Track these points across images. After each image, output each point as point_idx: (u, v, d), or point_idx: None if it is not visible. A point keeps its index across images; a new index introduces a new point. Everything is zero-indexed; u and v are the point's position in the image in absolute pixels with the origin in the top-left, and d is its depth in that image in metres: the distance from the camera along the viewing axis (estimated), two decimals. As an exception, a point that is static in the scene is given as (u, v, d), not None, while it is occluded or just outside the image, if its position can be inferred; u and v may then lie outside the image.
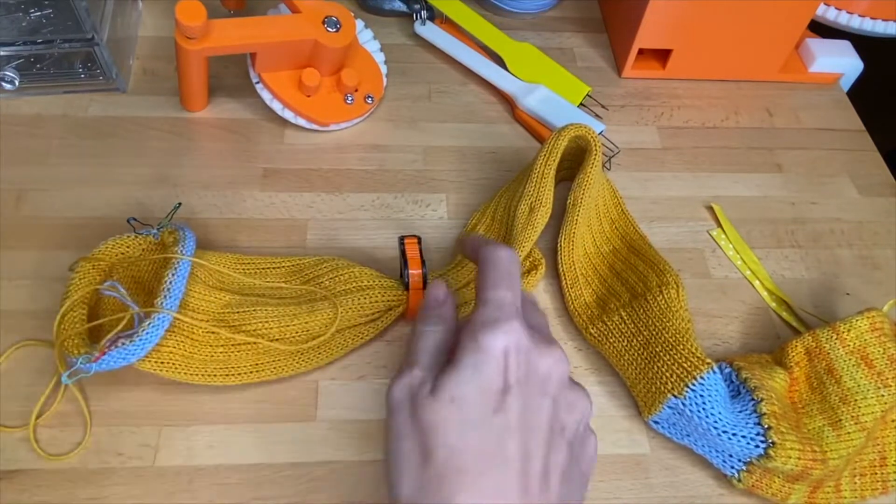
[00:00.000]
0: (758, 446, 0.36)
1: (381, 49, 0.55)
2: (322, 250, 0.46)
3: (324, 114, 0.51)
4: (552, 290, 0.46)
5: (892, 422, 0.40)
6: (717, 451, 0.38)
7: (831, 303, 0.48)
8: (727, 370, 0.39)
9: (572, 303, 0.44)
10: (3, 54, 0.49)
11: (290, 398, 0.40)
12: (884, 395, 0.38)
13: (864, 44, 0.62)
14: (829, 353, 0.40)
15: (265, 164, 0.51)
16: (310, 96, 0.51)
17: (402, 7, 0.61)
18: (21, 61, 0.50)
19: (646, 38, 0.57)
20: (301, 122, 0.52)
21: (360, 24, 0.53)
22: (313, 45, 0.48)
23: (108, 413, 0.39)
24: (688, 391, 0.37)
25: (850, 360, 0.39)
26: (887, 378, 0.38)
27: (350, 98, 0.52)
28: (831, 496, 0.39)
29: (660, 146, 0.56)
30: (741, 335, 0.45)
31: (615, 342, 0.42)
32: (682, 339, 0.39)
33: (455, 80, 0.58)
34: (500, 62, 0.58)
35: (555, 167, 0.44)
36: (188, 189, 0.49)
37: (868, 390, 0.38)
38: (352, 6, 0.62)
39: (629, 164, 0.54)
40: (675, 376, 0.38)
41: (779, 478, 0.37)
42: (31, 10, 0.47)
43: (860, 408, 0.38)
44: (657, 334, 0.40)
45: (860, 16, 0.62)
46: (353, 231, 0.48)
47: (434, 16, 0.60)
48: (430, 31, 0.59)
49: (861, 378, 0.38)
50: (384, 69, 0.55)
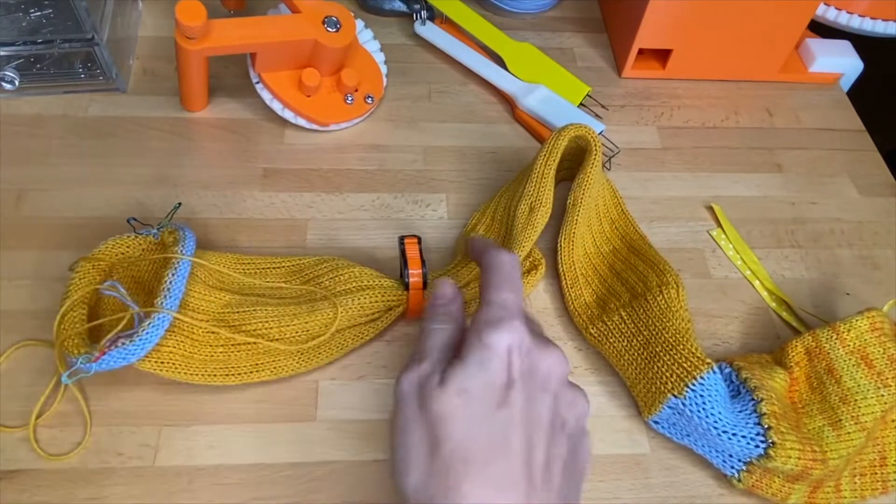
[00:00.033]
0: (758, 446, 0.36)
1: (381, 49, 0.55)
2: (322, 250, 0.46)
3: (324, 114, 0.51)
4: (552, 290, 0.46)
5: (892, 422, 0.40)
6: (717, 451, 0.38)
7: (831, 303, 0.48)
8: (727, 370, 0.39)
9: (572, 303, 0.44)
10: (3, 54, 0.49)
11: (290, 398, 0.40)
12: (884, 395, 0.38)
13: (864, 44, 0.62)
14: (829, 353, 0.40)
15: (265, 164, 0.51)
16: (310, 96, 0.51)
17: (402, 7, 0.61)
18: (21, 61, 0.50)
19: (646, 38, 0.57)
20: (301, 122, 0.52)
21: (360, 24, 0.53)
22: (313, 45, 0.48)
23: (108, 413, 0.39)
24: (688, 391, 0.37)
25: (850, 360, 0.39)
26: (887, 378, 0.38)
27: (350, 98, 0.52)
28: (831, 496, 0.39)
29: (660, 146, 0.56)
30: (741, 335, 0.45)
31: (615, 342, 0.42)
32: (682, 339, 0.39)
33: (455, 80, 0.58)
34: (500, 62, 0.58)
35: (555, 167, 0.44)
36: (188, 189, 0.49)
37: (868, 390, 0.38)
38: (352, 6, 0.62)
39: (629, 164, 0.54)
40: (675, 376, 0.38)
41: (779, 478, 0.37)
42: (31, 10, 0.47)
43: (860, 408, 0.38)
44: (657, 334, 0.40)
45: (860, 16, 0.62)
46: (353, 231, 0.48)
47: (434, 16, 0.60)
48: (430, 31, 0.59)
49: (861, 378, 0.38)
50: (384, 69, 0.55)
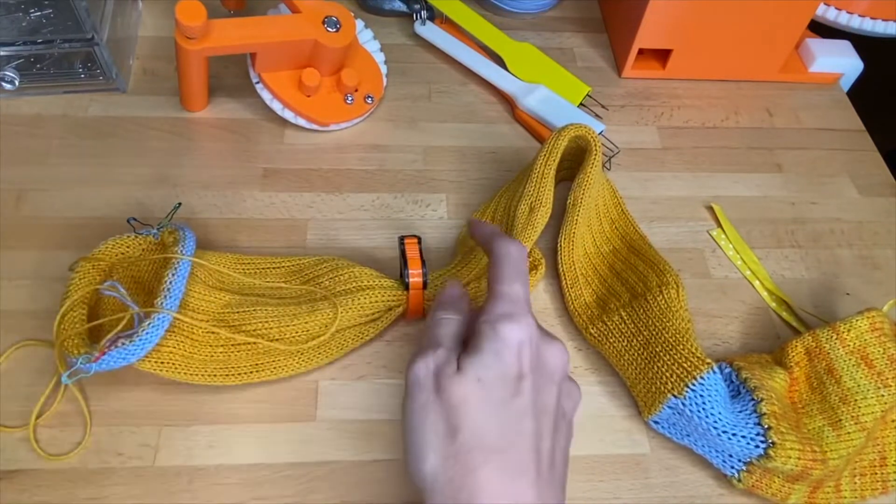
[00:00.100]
0: (758, 446, 0.36)
1: (381, 49, 0.55)
2: (322, 250, 0.46)
3: (324, 114, 0.51)
4: (552, 290, 0.46)
5: (892, 422, 0.40)
6: (717, 451, 0.38)
7: (831, 303, 0.48)
8: (727, 370, 0.39)
9: (572, 303, 0.44)
10: (3, 54, 0.49)
11: (290, 398, 0.40)
12: (884, 395, 0.38)
13: (864, 44, 0.62)
14: (829, 353, 0.40)
15: (265, 164, 0.51)
16: (310, 96, 0.51)
17: (402, 7, 0.61)
18: (21, 61, 0.50)
19: (646, 38, 0.57)
20: (301, 122, 0.52)
21: (360, 24, 0.53)
22: (313, 45, 0.48)
23: (108, 413, 0.39)
24: (688, 391, 0.37)
25: (850, 360, 0.39)
26: (887, 378, 0.38)
27: (350, 98, 0.52)
28: (831, 496, 0.39)
29: (660, 146, 0.56)
30: (741, 335, 0.45)
31: (615, 342, 0.42)
32: (682, 339, 0.39)
33: (455, 80, 0.58)
34: (500, 62, 0.58)
35: (555, 167, 0.44)
36: (188, 189, 0.49)
37: (868, 390, 0.38)
38: (352, 6, 0.62)
39: (629, 164, 0.54)
40: (675, 376, 0.38)
41: (779, 478, 0.37)
42: (31, 10, 0.47)
43: (860, 408, 0.38)
44: (657, 334, 0.40)
45: (860, 16, 0.62)
46: (353, 231, 0.48)
47: (434, 16, 0.60)
48: (430, 31, 0.59)
49: (861, 378, 0.38)
50: (384, 69, 0.55)
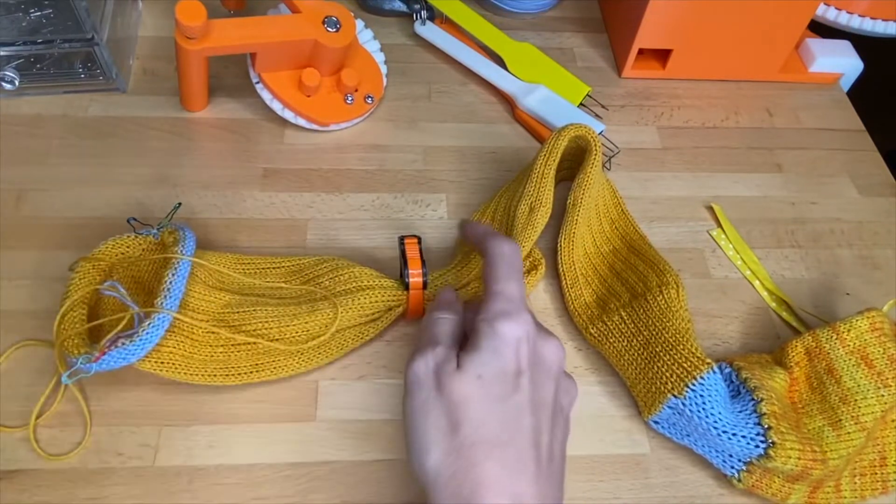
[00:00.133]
0: (758, 446, 0.36)
1: (381, 49, 0.55)
2: (322, 250, 0.46)
3: (324, 114, 0.51)
4: (552, 290, 0.46)
5: (892, 422, 0.40)
6: (717, 451, 0.38)
7: (831, 303, 0.48)
8: (727, 370, 0.39)
9: (572, 303, 0.44)
10: (3, 54, 0.49)
11: (290, 398, 0.40)
12: (884, 395, 0.38)
13: (864, 44, 0.62)
14: (829, 353, 0.40)
15: (265, 164, 0.51)
16: (310, 96, 0.51)
17: (402, 7, 0.61)
18: (21, 61, 0.50)
19: (646, 38, 0.57)
20: (301, 122, 0.52)
21: (360, 24, 0.53)
22: (313, 45, 0.48)
23: (108, 413, 0.39)
24: (688, 391, 0.37)
25: (850, 360, 0.39)
26: (887, 378, 0.38)
27: (350, 98, 0.52)
28: (831, 496, 0.39)
29: (660, 146, 0.56)
30: (741, 335, 0.45)
31: (615, 342, 0.42)
32: (682, 339, 0.39)
33: (455, 80, 0.58)
34: (500, 62, 0.58)
35: (555, 167, 0.44)
36: (188, 189, 0.49)
37: (868, 390, 0.38)
38: (352, 6, 0.62)
39: (629, 164, 0.54)
40: (675, 376, 0.38)
41: (779, 478, 0.37)
42: (31, 10, 0.47)
43: (860, 408, 0.38)
44: (657, 334, 0.40)
45: (860, 16, 0.62)
46: (353, 231, 0.48)
47: (434, 16, 0.60)
48: (430, 31, 0.59)
49: (861, 378, 0.38)
50: (384, 69, 0.55)
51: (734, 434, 0.36)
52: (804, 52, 0.61)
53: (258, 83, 0.51)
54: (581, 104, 0.56)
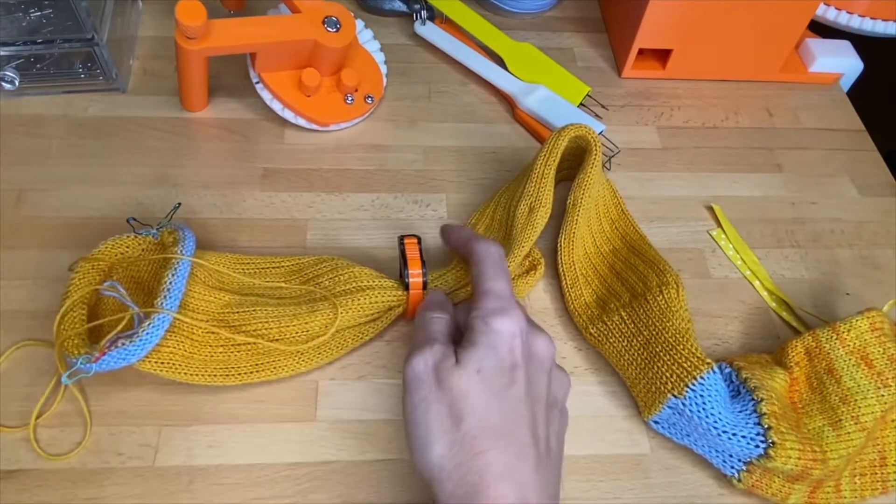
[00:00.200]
0: (758, 446, 0.36)
1: (381, 49, 0.55)
2: (322, 250, 0.46)
3: (324, 114, 0.51)
4: (552, 290, 0.46)
5: (892, 422, 0.40)
6: (717, 451, 0.38)
7: (831, 303, 0.48)
8: (727, 370, 0.39)
9: (572, 303, 0.44)
10: (3, 54, 0.49)
11: (290, 398, 0.40)
12: (884, 395, 0.38)
13: (864, 44, 0.62)
14: (829, 353, 0.40)
15: (265, 164, 0.51)
16: (310, 96, 0.51)
17: (402, 7, 0.61)
18: (21, 61, 0.50)
19: (646, 38, 0.57)
20: (301, 122, 0.52)
21: (360, 24, 0.53)
22: (313, 45, 0.48)
23: (108, 413, 0.39)
24: (688, 391, 0.37)
25: (850, 360, 0.39)
26: (887, 378, 0.38)
27: (350, 98, 0.52)
28: (831, 496, 0.39)
29: (660, 146, 0.56)
30: (741, 335, 0.45)
31: (615, 342, 0.42)
32: (682, 339, 0.39)
33: (455, 80, 0.58)
34: (500, 62, 0.58)
35: (555, 167, 0.44)
36: (188, 189, 0.49)
37: (868, 390, 0.38)
38: (352, 6, 0.62)
39: (629, 164, 0.54)
40: (675, 376, 0.38)
41: (779, 478, 0.37)
42: (31, 10, 0.47)
43: (860, 408, 0.38)
44: (657, 334, 0.40)
45: (860, 16, 0.62)
46: (353, 231, 0.48)
47: (434, 16, 0.60)
48: (430, 31, 0.59)
49: (861, 378, 0.38)
50: (384, 69, 0.55)
51: (734, 434, 0.36)
52: (804, 52, 0.61)
53: (258, 83, 0.51)
54: (581, 104, 0.56)
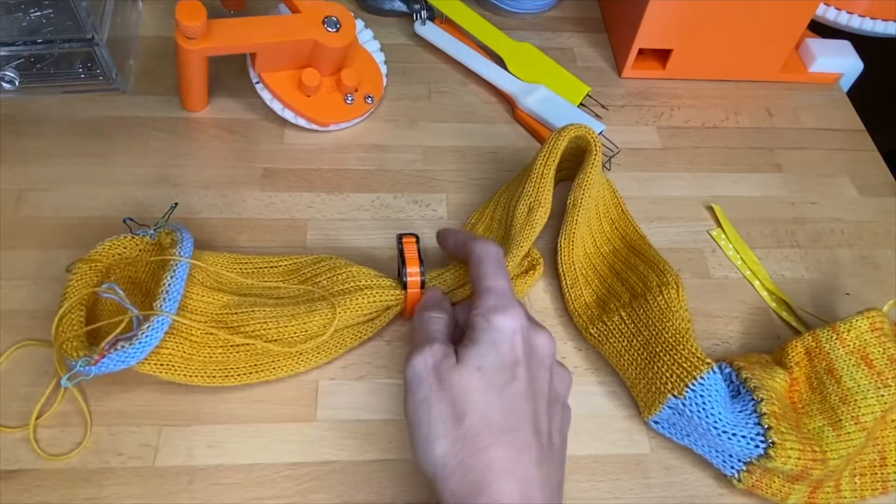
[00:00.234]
0: (758, 446, 0.36)
1: (381, 49, 0.55)
2: (322, 250, 0.46)
3: (324, 114, 0.51)
4: (552, 290, 0.46)
5: (892, 422, 0.40)
6: (717, 451, 0.38)
7: (831, 303, 0.48)
8: (727, 370, 0.39)
9: (572, 303, 0.44)
10: (3, 54, 0.49)
11: (290, 398, 0.40)
12: (884, 395, 0.38)
13: (864, 44, 0.62)
14: (829, 353, 0.40)
15: (265, 164, 0.51)
16: (310, 96, 0.51)
17: (402, 7, 0.61)
18: (21, 61, 0.50)
19: (646, 38, 0.57)
20: (301, 122, 0.52)
21: (360, 24, 0.53)
22: (313, 45, 0.48)
23: (108, 413, 0.39)
24: (688, 391, 0.37)
25: (850, 360, 0.39)
26: (887, 378, 0.38)
27: (350, 98, 0.52)
28: (831, 496, 0.39)
29: (660, 146, 0.55)
30: (741, 335, 0.45)
31: (615, 342, 0.42)
32: (682, 339, 0.39)
33: (455, 80, 0.58)
34: (500, 62, 0.58)
35: (554, 168, 0.44)
36: (188, 189, 0.49)
37: (868, 390, 0.38)
38: (352, 6, 0.62)
39: (629, 164, 0.54)
40: (675, 376, 0.38)
41: (779, 478, 0.37)
42: (31, 10, 0.47)
43: (860, 408, 0.38)
44: (657, 334, 0.40)
45: (860, 16, 0.62)
46: (353, 231, 0.48)
47: (434, 16, 0.60)
48: (430, 31, 0.59)
49: (861, 378, 0.38)
50: (384, 69, 0.55)
51: (734, 434, 0.36)
52: (804, 52, 0.61)
53: (258, 83, 0.51)
54: (581, 104, 0.56)
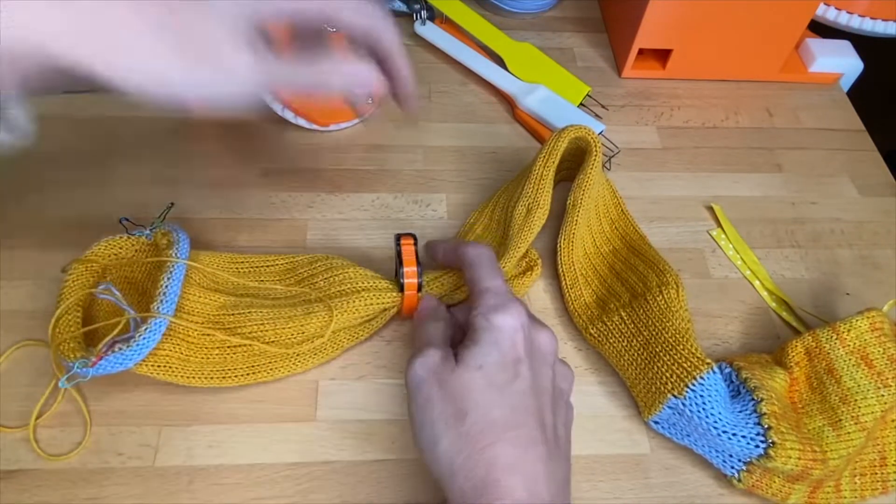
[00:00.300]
0: (758, 446, 0.36)
1: (381, 49, 0.55)
2: (322, 250, 0.46)
3: (324, 114, 0.51)
4: (552, 291, 0.46)
5: (892, 422, 0.40)
6: (717, 451, 0.38)
7: (831, 303, 0.48)
8: (727, 370, 0.39)
9: (572, 303, 0.44)
10: (3, 54, 0.49)
11: (290, 398, 0.40)
12: (884, 395, 0.38)
13: (864, 44, 0.62)
14: (829, 353, 0.40)
15: (265, 163, 0.51)
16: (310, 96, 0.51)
17: (402, 7, 0.61)
18: (21, 61, 0.50)
19: (646, 38, 0.57)
20: (301, 122, 0.52)
21: (359, 24, 0.53)
22: (313, 45, 0.48)
23: (107, 413, 0.39)
24: (688, 391, 0.37)
25: (850, 360, 0.39)
26: (887, 378, 0.38)
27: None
28: (831, 496, 0.39)
29: (660, 146, 0.55)
30: (741, 335, 0.45)
31: (615, 342, 0.42)
32: (681, 339, 0.39)
33: (455, 80, 0.58)
34: (500, 62, 0.58)
35: (554, 169, 0.44)
36: (188, 189, 0.49)
37: (868, 390, 0.38)
38: (352, 6, 0.62)
39: (629, 164, 0.54)
40: (675, 376, 0.38)
41: (779, 478, 0.37)
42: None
43: (860, 408, 0.38)
44: (657, 334, 0.40)
45: (860, 16, 0.62)
46: (353, 231, 0.48)
47: (434, 16, 0.60)
48: (430, 31, 0.59)
49: (861, 378, 0.38)
50: (384, 69, 0.55)
51: (734, 434, 0.36)
52: (804, 52, 0.61)
53: (258, 83, 0.50)
54: (581, 104, 0.56)
